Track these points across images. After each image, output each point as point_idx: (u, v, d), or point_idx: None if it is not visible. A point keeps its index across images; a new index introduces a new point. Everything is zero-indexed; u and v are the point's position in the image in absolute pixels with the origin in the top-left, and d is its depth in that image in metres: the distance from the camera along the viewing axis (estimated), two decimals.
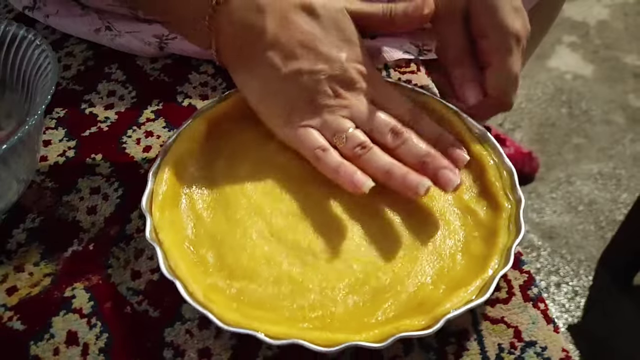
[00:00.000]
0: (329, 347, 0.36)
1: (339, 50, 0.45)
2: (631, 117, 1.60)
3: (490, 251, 0.42)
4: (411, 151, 0.44)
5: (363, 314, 0.39)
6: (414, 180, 0.42)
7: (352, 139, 0.44)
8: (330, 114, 0.45)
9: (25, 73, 0.48)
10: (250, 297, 0.40)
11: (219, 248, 0.42)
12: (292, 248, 0.43)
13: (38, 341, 0.40)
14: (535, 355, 0.39)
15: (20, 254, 0.45)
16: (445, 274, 0.42)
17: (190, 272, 0.39)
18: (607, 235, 1.33)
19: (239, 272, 0.41)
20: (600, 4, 1.96)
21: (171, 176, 0.44)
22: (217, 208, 0.45)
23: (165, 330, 0.41)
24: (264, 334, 0.37)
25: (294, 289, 0.41)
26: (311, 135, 0.45)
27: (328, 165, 0.44)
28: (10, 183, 0.43)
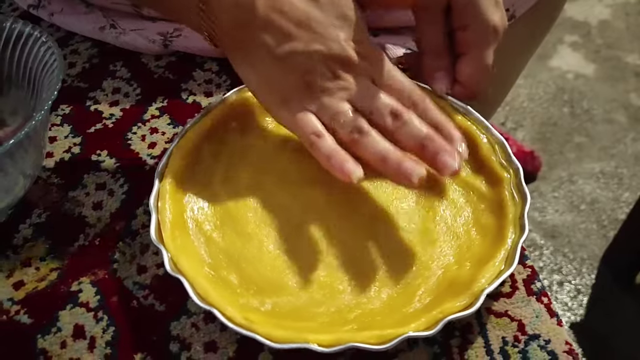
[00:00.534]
0: (382, 344, 0.37)
1: (336, 29, 0.43)
2: (633, 116, 1.60)
3: (502, 222, 0.43)
4: (410, 133, 0.43)
5: (400, 304, 0.40)
6: (408, 168, 0.41)
7: (348, 123, 0.43)
8: (328, 96, 0.43)
9: (31, 70, 0.48)
10: (286, 309, 0.40)
11: (239, 266, 0.42)
12: (310, 254, 0.43)
13: (45, 334, 0.40)
14: (539, 349, 0.39)
15: (26, 249, 0.45)
16: (465, 251, 0.42)
17: (222, 298, 0.39)
18: (609, 234, 1.33)
19: (266, 286, 0.41)
20: (602, 4, 1.96)
21: (173, 203, 0.43)
22: (225, 226, 0.44)
23: (171, 324, 0.41)
24: (317, 344, 0.37)
25: (326, 293, 0.41)
26: (308, 119, 0.43)
27: (321, 151, 0.42)
28: (17, 178, 0.43)
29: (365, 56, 0.44)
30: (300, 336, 0.37)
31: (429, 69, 0.49)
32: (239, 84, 0.49)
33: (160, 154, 0.51)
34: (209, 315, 0.41)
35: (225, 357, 0.39)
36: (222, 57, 0.59)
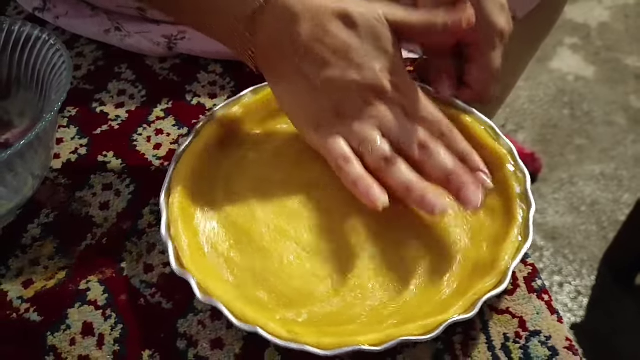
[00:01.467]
0: (429, 333, 0.37)
1: (373, 60, 0.44)
2: (633, 118, 1.61)
3: (507, 201, 0.44)
4: (437, 166, 0.44)
5: (431, 293, 0.41)
6: (431, 200, 0.42)
7: (377, 151, 0.44)
8: (359, 123, 0.44)
9: (39, 72, 0.49)
10: (322, 316, 0.40)
11: (265, 282, 0.42)
12: (332, 257, 0.43)
13: (55, 332, 0.41)
14: (540, 344, 0.40)
15: (35, 248, 0.46)
16: (478, 233, 0.44)
17: (261, 316, 0.39)
18: (610, 236, 1.34)
19: (296, 298, 0.41)
20: (602, 6, 1.97)
21: (185, 227, 0.43)
22: (240, 243, 0.44)
23: (178, 321, 0.42)
24: (368, 345, 0.37)
25: (357, 294, 0.41)
26: (337, 144, 0.44)
27: (349, 176, 0.43)
28: (26, 178, 0.44)
29: (399, 87, 0.45)
30: (348, 340, 0.37)
31: (435, 72, 0.50)
32: (243, 85, 0.50)
33: (166, 155, 0.52)
34: (215, 312, 0.42)
35: (232, 354, 0.40)
36: (225, 60, 0.60)
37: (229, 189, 0.47)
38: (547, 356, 0.39)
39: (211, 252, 0.43)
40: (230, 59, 0.60)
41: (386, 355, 0.40)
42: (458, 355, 0.40)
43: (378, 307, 0.41)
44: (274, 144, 0.50)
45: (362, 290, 0.42)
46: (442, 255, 0.43)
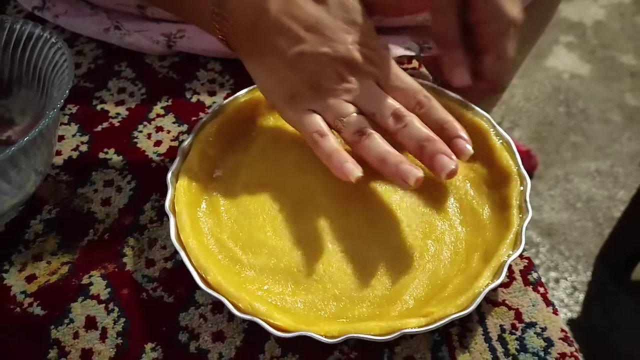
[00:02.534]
0: (429, 324, 0.38)
1: (344, 33, 0.44)
2: (628, 116, 1.62)
3: (505, 192, 0.46)
4: (411, 135, 0.44)
5: (446, 279, 0.42)
6: (405, 169, 0.42)
7: (351, 124, 0.44)
8: (333, 97, 0.45)
9: (41, 70, 0.49)
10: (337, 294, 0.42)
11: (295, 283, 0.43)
12: (351, 253, 0.44)
13: (58, 325, 0.42)
14: (536, 336, 0.41)
15: (38, 244, 0.46)
16: (468, 222, 0.46)
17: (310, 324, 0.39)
18: (605, 232, 1.35)
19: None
20: (597, 5, 1.98)
21: (198, 244, 0.42)
22: (248, 248, 0.44)
23: (180, 314, 0.42)
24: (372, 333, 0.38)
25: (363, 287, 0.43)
26: (312, 119, 0.45)
27: (323, 150, 0.44)
28: (29, 175, 0.44)
29: (372, 59, 0.45)
30: (355, 327, 0.38)
31: (448, 64, 0.50)
32: (241, 83, 0.51)
33: (166, 151, 0.52)
34: (217, 306, 0.42)
35: (233, 346, 0.41)
36: (224, 58, 0.60)
37: (229, 198, 0.47)
38: (543, 347, 0.40)
39: (225, 259, 0.43)
40: (229, 56, 0.60)
41: (384, 347, 0.40)
42: (455, 346, 0.40)
43: (384, 303, 0.42)
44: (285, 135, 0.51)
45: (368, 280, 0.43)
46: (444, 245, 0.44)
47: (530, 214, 0.44)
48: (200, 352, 0.41)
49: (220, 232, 0.45)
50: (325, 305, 0.41)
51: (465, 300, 0.39)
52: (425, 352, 0.40)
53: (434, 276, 0.43)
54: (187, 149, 0.48)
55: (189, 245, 0.42)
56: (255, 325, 0.40)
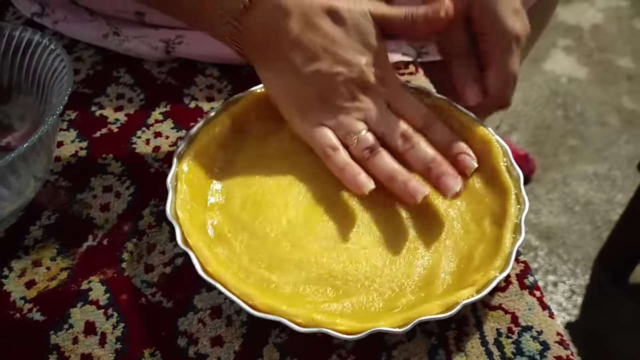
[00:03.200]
0: (480, 291, 0.40)
1: (359, 54, 0.46)
2: (625, 119, 1.63)
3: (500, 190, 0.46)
4: (418, 156, 0.46)
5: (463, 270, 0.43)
6: (412, 187, 0.44)
7: (362, 142, 0.46)
8: (345, 115, 0.47)
9: (40, 77, 0.49)
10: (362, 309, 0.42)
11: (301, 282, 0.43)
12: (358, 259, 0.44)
13: (58, 331, 0.42)
14: (532, 339, 0.41)
15: (37, 249, 0.47)
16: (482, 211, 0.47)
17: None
18: (603, 235, 1.35)
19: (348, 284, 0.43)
20: (594, 8, 1.99)
21: (231, 274, 0.41)
22: (268, 264, 0.44)
23: (178, 319, 0.42)
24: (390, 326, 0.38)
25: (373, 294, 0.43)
26: (324, 133, 0.47)
27: (336, 164, 0.46)
28: (29, 180, 0.45)
29: (383, 80, 0.47)
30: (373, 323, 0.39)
31: (459, 80, 0.50)
32: (239, 89, 0.51)
33: (164, 157, 0.53)
34: (215, 311, 0.43)
35: (231, 350, 0.41)
36: (223, 63, 0.61)
37: (234, 222, 0.46)
38: (539, 350, 0.40)
39: (236, 271, 0.43)
40: (227, 62, 0.61)
41: (381, 350, 0.41)
42: (452, 350, 0.41)
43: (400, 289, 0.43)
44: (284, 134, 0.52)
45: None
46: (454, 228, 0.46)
47: (521, 175, 0.46)
48: (199, 356, 0.41)
49: (239, 258, 0.44)
50: (372, 301, 0.42)
51: (501, 262, 0.41)
52: (422, 355, 0.40)
53: (457, 249, 0.44)
54: (181, 154, 0.48)
55: (223, 277, 0.40)
56: (254, 330, 0.40)
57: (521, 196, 0.45)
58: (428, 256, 0.44)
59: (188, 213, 0.44)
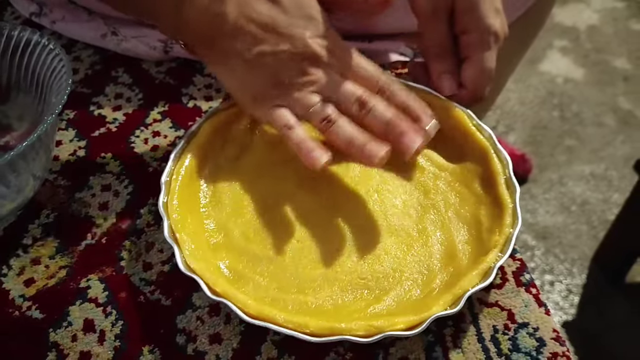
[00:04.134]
0: (486, 278, 0.41)
1: (301, 28, 0.46)
2: (621, 120, 1.63)
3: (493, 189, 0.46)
4: (376, 119, 0.46)
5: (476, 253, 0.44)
6: (369, 150, 0.44)
7: (317, 113, 0.46)
8: (298, 91, 0.46)
9: (39, 76, 0.50)
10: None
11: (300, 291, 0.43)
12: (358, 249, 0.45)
13: (57, 329, 0.42)
14: (528, 336, 0.41)
15: (36, 248, 0.47)
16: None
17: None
18: (600, 235, 1.35)
19: None
20: (590, 9, 1.99)
21: (204, 260, 0.42)
22: (252, 265, 0.44)
23: (177, 317, 0.43)
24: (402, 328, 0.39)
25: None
26: (280, 113, 0.46)
27: (292, 141, 0.45)
28: (28, 179, 0.45)
29: (331, 50, 0.47)
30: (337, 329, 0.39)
31: (435, 72, 0.52)
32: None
33: (163, 156, 0.53)
34: (214, 308, 0.43)
35: (230, 348, 0.41)
36: None
37: (222, 223, 0.47)
38: (535, 347, 0.41)
39: (232, 277, 0.43)
40: None
41: (377, 347, 0.41)
42: (449, 347, 0.41)
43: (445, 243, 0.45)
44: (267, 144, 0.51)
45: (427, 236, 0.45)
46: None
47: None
48: (198, 354, 0.41)
49: (267, 291, 0.43)
50: (411, 290, 0.43)
51: (510, 219, 0.43)
52: (419, 352, 0.41)
53: (461, 218, 0.46)
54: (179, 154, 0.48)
55: (269, 314, 0.39)
56: (252, 327, 0.40)
57: (501, 153, 0.47)
58: (439, 232, 0.45)
59: (203, 262, 0.42)
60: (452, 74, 0.51)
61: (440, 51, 0.51)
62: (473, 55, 0.50)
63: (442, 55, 0.51)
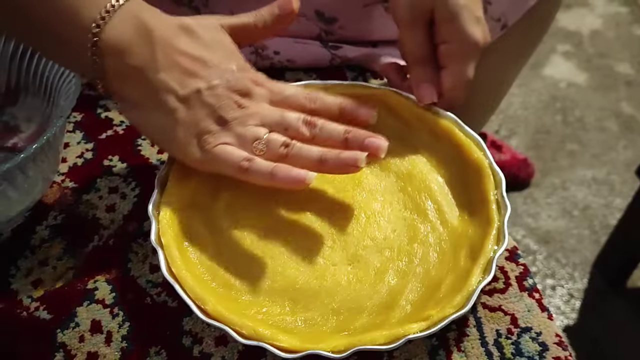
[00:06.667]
0: (431, 327, 0.39)
1: (227, 63, 0.45)
2: (624, 124, 1.63)
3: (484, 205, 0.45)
4: (330, 134, 0.45)
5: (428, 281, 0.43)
6: (349, 156, 0.43)
7: (272, 141, 0.44)
8: (241, 125, 0.44)
9: (47, 79, 0.50)
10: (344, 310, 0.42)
11: (298, 304, 0.43)
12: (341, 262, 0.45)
13: (64, 329, 0.43)
14: (531, 340, 0.42)
15: (43, 249, 0.47)
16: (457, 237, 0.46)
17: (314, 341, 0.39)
18: (601, 240, 1.35)
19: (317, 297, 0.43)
20: (594, 14, 2.00)
21: (191, 275, 0.42)
22: (249, 275, 0.44)
23: (183, 319, 0.43)
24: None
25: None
26: (230, 150, 0.44)
27: (260, 171, 0.43)
28: (37, 181, 0.45)
29: (257, 82, 0.47)
30: (358, 340, 0.39)
31: (415, 79, 0.51)
32: None
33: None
34: None
35: (235, 350, 0.42)
36: None
37: (212, 224, 0.46)
38: (538, 351, 0.41)
39: (224, 294, 0.43)
40: None
41: (383, 352, 0.41)
42: (452, 350, 0.41)
43: (442, 253, 0.44)
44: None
45: (416, 253, 0.44)
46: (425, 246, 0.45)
47: (509, 209, 0.44)
48: (204, 356, 0.41)
49: (210, 260, 0.44)
50: (326, 320, 0.42)
51: (461, 300, 0.40)
52: (423, 356, 0.41)
53: (426, 278, 0.43)
54: (164, 179, 0.47)
55: (183, 277, 0.41)
56: None
57: (502, 231, 0.43)
58: (395, 281, 0.43)
59: (171, 212, 0.43)
60: (432, 83, 0.51)
61: (420, 59, 0.51)
62: (451, 65, 0.50)
63: (422, 64, 0.51)
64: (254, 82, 0.46)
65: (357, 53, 0.63)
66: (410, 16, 0.49)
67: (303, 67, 0.63)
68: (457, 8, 0.47)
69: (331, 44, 0.63)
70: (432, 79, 0.51)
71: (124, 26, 0.42)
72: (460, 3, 0.47)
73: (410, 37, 0.51)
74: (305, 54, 0.61)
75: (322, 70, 0.63)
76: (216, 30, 0.46)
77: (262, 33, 0.49)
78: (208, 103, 0.44)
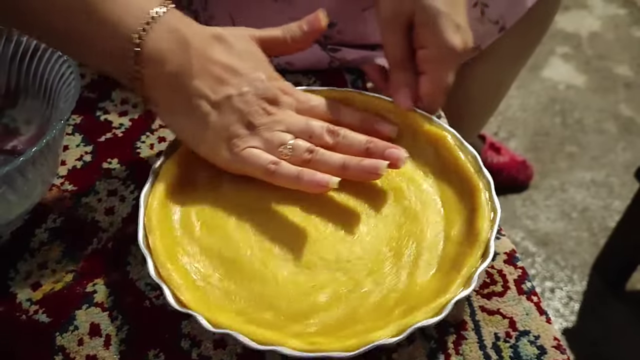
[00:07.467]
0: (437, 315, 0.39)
1: (258, 72, 0.48)
2: (623, 126, 1.64)
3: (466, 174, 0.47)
4: (352, 143, 0.48)
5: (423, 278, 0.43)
6: (370, 164, 0.45)
7: (297, 147, 0.47)
8: (268, 131, 0.47)
9: (47, 81, 0.50)
10: (334, 321, 0.41)
11: (267, 303, 0.42)
12: (323, 265, 0.44)
13: (63, 332, 0.43)
14: (529, 344, 0.42)
15: (43, 252, 0.47)
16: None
17: (277, 335, 0.39)
18: (600, 242, 1.35)
19: (302, 310, 0.42)
20: (592, 16, 2.00)
21: (175, 269, 0.42)
22: (231, 272, 0.44)
23: (182, 322, 0.43)
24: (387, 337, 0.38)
25: (358, 294, 0.43)
26: (258, 153, 0.46)
27: (286, 175, 0.45)
28: (36, 184, 0.45)
29: (285, 90, 0.49)
30: (368, 337, 0.38)
31: (394, 82, 0.52)
32: None
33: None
34: None
35: (234, 353, 0.42)
36: None
37: (203, 221, 0.47)
38: (536, 355, 0.41)
39: (206, 286, 0.43)
40: None
41: (382, 353, 0.41)
42: (451, 353, 0.41)
43: (380, 301, 0.42)
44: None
45: (361, 288, 0.43)
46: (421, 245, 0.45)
47: (500, 213, 0.44)
48: (202, 359, 0.41)
49: (210, 275, 0.44)
50: (333, 321, 0.41)
51: (433, 312, 0.39)
52: (421, 358, 0.41)
53: (351, 310, 0.42)
54: (157, 171, 0.48)
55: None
56: None
57: (489, 247, 0.42)
58: (325, 300, 0.43)
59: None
60: (411, 88, 0.51)
61: (400, 63, 0.52)
62: (429, 71, 0.50)
63: (402, 68, 0.52)
64: (281, 91, 0.49)
65: (355, 55, 0.63)
66: (392, 19, 0.50)
67: (302, 70, 0.63)
68: (436, 13, 0.48)
69: (330, 46, 0.63)
70: (411, 83, 0.52)
71: (163, 37, 0.44)
72: (439, 8, 0.48)
73: (391, 40, 0.51)
74: (304, 56, 0.61)
75: (320, 72, 0.63)
76: (247, 40, 0.49)
77: (290, 47, 0.51)
78: (238, 109, 0.46)
